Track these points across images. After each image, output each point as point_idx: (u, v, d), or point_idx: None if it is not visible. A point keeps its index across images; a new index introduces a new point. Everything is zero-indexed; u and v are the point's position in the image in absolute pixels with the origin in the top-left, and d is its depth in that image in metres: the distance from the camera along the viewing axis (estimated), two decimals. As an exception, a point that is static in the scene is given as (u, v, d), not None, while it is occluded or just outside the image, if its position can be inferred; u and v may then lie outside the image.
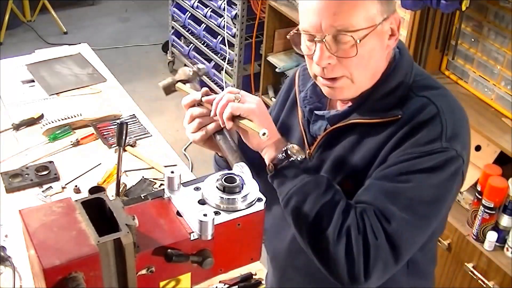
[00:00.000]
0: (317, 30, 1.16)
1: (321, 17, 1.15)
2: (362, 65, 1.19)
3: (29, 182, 1.83)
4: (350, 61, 1.17)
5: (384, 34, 1.19)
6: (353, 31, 1.14)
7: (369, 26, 1.15)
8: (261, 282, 1.55)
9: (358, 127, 1.25)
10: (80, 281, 0.91)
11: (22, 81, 2.36)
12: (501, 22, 2.36)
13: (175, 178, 1.09)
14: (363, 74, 1.21)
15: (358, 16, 1.14)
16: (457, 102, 1.27)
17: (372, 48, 1.18)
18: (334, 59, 1.17)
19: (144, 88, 4.39)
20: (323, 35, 1.15)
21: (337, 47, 1.16)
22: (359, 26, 1.14)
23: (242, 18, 3.58)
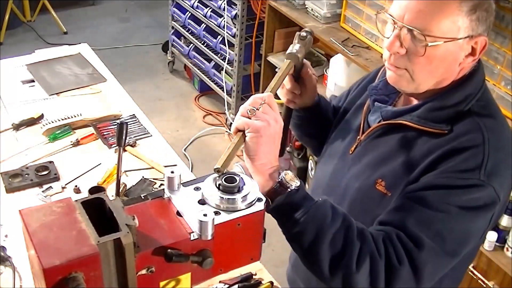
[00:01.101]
0: (399, 19, 1.20)
1: (407, 9, 1.19)
2: (426, 69, 1.21)
3: (29, 182, 1.83)
4: (416, 58, 1.20)
5: (461, 50, 1.21)
6: (428, 35, 1.17)
7: (447, 37, 1.17)
8: (261, 282, 1.55)
9: (408, 130, 1.27)
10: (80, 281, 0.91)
11: (22, 81, 2.36)
12: (501, 22, 2.36)
13: (175, 178, 1.09)
14: (425, 76, 1.23)
15: (439, 23, 1.17)
16: (508, 136, 1.27)
17: (443, 57, 1.20)
18: (403, 50, 1.21)
19: (144, 88, 4.39)
20: (401, 26, 1.19)
21: (410, 41, 1.20)
22: (436, 32, 1.17)
23: (242, 18, 3.58)
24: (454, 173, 1.17)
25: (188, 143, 3.90)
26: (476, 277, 2.28)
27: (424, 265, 1.15)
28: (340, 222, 1.14)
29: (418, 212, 1.17)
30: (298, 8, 3.19)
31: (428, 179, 1.19)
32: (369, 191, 1.30)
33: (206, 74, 4.12)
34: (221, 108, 4.16)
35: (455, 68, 1.23)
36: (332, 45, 2.91)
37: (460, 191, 1.17)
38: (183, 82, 4.60)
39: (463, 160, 1.18)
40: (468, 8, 1.17)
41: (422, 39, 1.17)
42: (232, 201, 1.04)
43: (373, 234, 1.16)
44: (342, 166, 1.42)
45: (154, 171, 1.94)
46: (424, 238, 1.15)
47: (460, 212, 1.16)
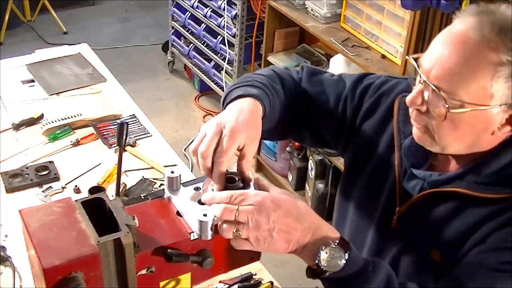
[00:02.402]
0: (425, 73, 1.07)
1: (435, 63, 1.06)
2: (451, 134, 1.09)
3: (29, 182, 1.83)
4: (437, 121, 1.08)
5: (493, 119, 1.06)
6: (453, 98, 1.04)
7: (475, 103, 1.03)
8: (261, 282, 1.55)
9: (459, 196, 1.14)
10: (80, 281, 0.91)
11: (22, 81, 2.36)
12: (501, 22, 2.36)
13: (175, 178, 1.09)
14: (449, 140, 1.11)
15: (468, 87, 1.03)
16: None
17: (468, 124, 1.07)
18: (423, 108, 1.09)
19: (144, 88, 4.39)
20: (426, 82, 1.07)
21: (432, 99, 1.07)
22: (462, 97, 1.03)
23: (242, 18, 3.58)
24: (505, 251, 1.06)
25: (188, 143, 3.89)
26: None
27: None
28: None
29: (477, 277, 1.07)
30: (298, 8, 3.18)
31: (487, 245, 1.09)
32: (425, 263, 1.19)
33: (206, 74, 4.12)
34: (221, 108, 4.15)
35: (486, 136, 1.09)
36: (332, 45, 2.91)
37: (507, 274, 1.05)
38: (183, 82, 4.60)
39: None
40: (507, 73, 1.01)
41: (444, 102, 1.04)
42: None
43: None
44: (384, 242, 1.28)
45: (154, 171, 1.94)
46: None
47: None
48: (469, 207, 1.14)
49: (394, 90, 1.33)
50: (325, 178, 3.15)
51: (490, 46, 1.01)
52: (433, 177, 1.19)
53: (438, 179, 1.18)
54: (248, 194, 1.02)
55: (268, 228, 0.99)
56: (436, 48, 1.07)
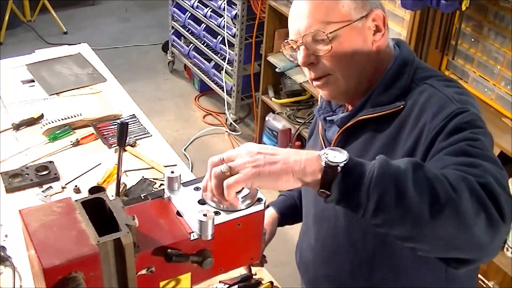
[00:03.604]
0: (296, 36, 1.26)
1: (297, 23, 1.26)
2: (343, 60, 1.24)
3: (29, 182, 1.83)
4: (329, 57, 1.24)
5: (364, 30, 1.25)
6: (324, 30, 1.22)
7: (341, 21, 1.22)
8: (261, 282, 1.55)
9: (368, 124, 1.28)
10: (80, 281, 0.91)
11: (22, 81, 2.36)
12: (501, 22, 2.36)
13: (175, 178, 1.09)
14: (346, 69, 1.26)
15: (328, 15, 1.22)
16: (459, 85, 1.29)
17: (350, 43, 1.23)
18: (313, 58, 1.25)
19: (144, 88, 4.39)
20: (301, 37, 1.24)
21: (314, 46, 1.24)
22: (331, 25, 1.22)
23: (242, 18, 3.58)
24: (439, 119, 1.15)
25: (188, 143, 3.89)
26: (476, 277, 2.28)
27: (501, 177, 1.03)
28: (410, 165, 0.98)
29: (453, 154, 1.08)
30: (298, 8, 3.18)
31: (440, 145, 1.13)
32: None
33: (206, 74, 4.12)
34: (221, 108, 4.16)
35: (370, 49, 1.26)
36: (332, 45, 2.91)
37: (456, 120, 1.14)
38: (183, 82, 4.60)
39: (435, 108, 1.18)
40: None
41: (322, 34, 1.21)
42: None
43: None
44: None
45: (154, 171, 1.94)
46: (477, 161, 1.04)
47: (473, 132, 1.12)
48: (377, 131, 1.26)
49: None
50: (325, 178, 3.14)
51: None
52: (339, 116, 1.34)
53: (344, 116, 1.32)
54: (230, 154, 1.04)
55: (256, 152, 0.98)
56: (290, 16, 1.29)
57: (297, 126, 3.25)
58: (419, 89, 1.24)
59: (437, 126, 1.15)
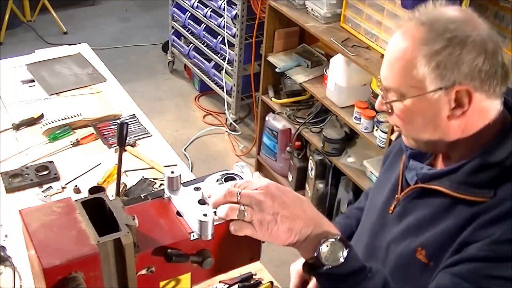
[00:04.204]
0: (380, 80, 1.21)
1: (381, 69, 1.20)
2: (409, 125, 1.19)
3: (29, 182, 1.83)
4: (395, 115, 1.20)
5: (439, 103, 1.12)
6: (394, 91, 1.17)
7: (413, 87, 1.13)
8: (261, 282, 1.55)
9: (445, 196, 1.17)
10: (80, 281, 0.91)
11: (22, 81, 2.36)
12: (501, 22, 2.36)
13: (175, 178, 1.09)
14: (413, 133, 1.20)
15: (401, 77, 1.14)
16: None
17: (419, 113, 1.15)
18: (385, 108, 1.21)
19: (144, 88, 4.39)
20: (380, 85, 1.20)
21: (385, 98, 1.21)
22: (402, 89, 1.15)
23: (242, 18, 3.58)
24: (502, 244, 1.06)
25: (188, 143, 3.89)
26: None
27: None
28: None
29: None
30: (298, 8, 3.18)
31: (471, 251, 1.08)
32: (410, 259, 1.20)
33: (206, 74, 4.12)
34: (221, 108, 4.16)
35: (444, 122, 1.14)
36: (332, 45, 2.91)
37: (504, 264, 1.06)
38: (183, 82, 4.60)
39: (506, 229, 1.06)
40: (426, 56, 1.10)
41: (393, 95, 1.17)
42: (232, 201, 1.04)
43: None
44: (382, 226, 1.33)
45: (154, 171, 1.94)
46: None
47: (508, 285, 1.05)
48: (455, 207, 1.15)
49: None
50: (325, 178, 3.14)
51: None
52: (423, 170, 1.24)
53: (427, 173, 1.22)
54: (252, 181, 1.02)
55: (273, 212, 0.98)
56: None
57: (297, 126, 3.25)
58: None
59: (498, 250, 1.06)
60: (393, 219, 1.29)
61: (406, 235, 1.23)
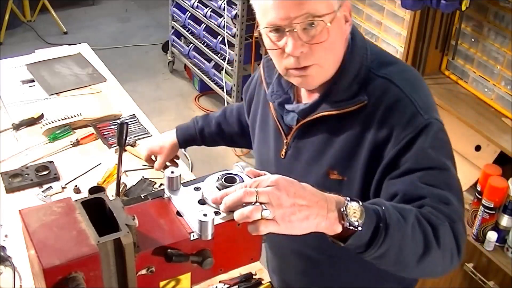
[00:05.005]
0: (286, 22, 1.18)
1: (288, 9, 1.17)
2: (331, 50, 1.23)
3: (29, 182, 1.83)
4: (320, 46, 1.20)
5: (341, 20, 1.23)
6: (320, 16, 1.18)
7: (330, 12, 1.19)
8: (261, 282, 1.55)
9: (330, 118, 1.28)
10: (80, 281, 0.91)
11: (22, 81, 2.36)
12: (501, 22, 2.36)
13: (175, 178, 1.09)
14: (331, 59, 1.25)
15: (321, 3, 1.18)
16: (412, 72, 1.33)
17: (336, 33, 1.21)
18: (306, 47, 1.20)
19: (144, 88, 4.39)
20: (293, 26, 1.17)
21: (307, 35, 1.19)
22: (324, 12, 1.18)
23: (242, 18, 3.58)
24: (404, 132, 1.19)
25: (188, 143, 3.89)
26: (476, 277, 2.28)
27: (461, 214, 1.17)
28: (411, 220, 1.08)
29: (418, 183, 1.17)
30: (298, 8, 3.19)
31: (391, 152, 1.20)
32: (325, 184, 1.25)
33: (206, 74, 4.12)
34: (221, 108, 4.15)
35: (343, 39, 1.26)
36: (332, 45, 2.91)
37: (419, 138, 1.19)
38: (183, 82, 4.60)
39: (401, 115, 1.20)
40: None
41: (322, 23, 1.17)
42: (232, 201, 1.04)
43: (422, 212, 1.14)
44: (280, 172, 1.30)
45: (154, 171, 1.94)
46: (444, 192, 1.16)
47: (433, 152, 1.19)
48: (343, 124, 1.27)
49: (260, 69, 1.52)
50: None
51: None
52: (300, 107, 1.33)
53: (304, 108, 1.32)
54: (261, 179, 1.02)
55: (290, 204, 0.99)
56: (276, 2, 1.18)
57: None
58: (379, 82, 1.25)
59: (406, 136, 1.19)
60: (289, 161, 1.38)
61: (310, 166, 1.33)
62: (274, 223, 0.99)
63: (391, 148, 1.21)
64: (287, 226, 0.99)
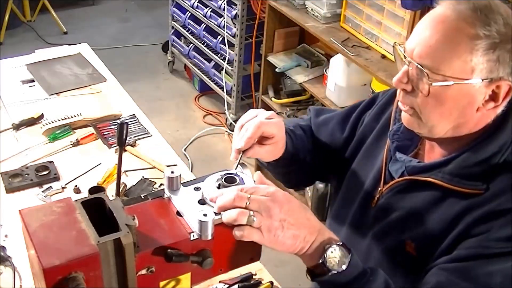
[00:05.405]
0: (408, 54, 1.12)
1: (418, 43, 1.11)
2: (435, 109, 1.12)
3: (29, 182, 1.83)
4: (421, 97, 1.11)
5: (478, 93, 1.09)
6: (436, 73, 1.08)
7: (457, 77, 1.07)
8: (261, 282, 1.55)
9: (436, 187, 1.17)
10: (80, 281, 0.91)
11: (22, 81, 2.36)
12: (501, 22, 2.36)
13: (175, 178, 1.09)
14: (435, 118, 1.13)
15: (449, 62, 1.07)
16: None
17: (454, 99, 1.10)
18: (408, 87, 1.13)
19: (144, 88, 4.40)
20: (410, 61, 1.11)
21: (416, 77, 1.11)
22: (445, 72, 1.08)
23: (242, 18, 3.58)
24: (496, 242, 1.07)
25: (188, 143, 3.89)
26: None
27: None
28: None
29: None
30: (298, 8, 3.18)
31: (464, 249, 1.09)
32: (399, 253, 1.21)
33: (206, 74, 4.12)
34: (221, 108, 4.16)
35: (471, 113, 1.12)
36: (332, 45, 2.91)
37: (504, 258, 1.06)
38: (183, 82, 4.60)
39: (505, 225, 1.07)
40: (486, 47, 1.05)
41: (427, 77, 1.09)
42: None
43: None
44: (364, 219, 1.31)
45: (154, 171, 1.94)
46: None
47: (505, 282, 1.06)
48: (446, 200, 1.15)
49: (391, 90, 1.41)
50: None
51: (466, 21, 1.07)
52: (412, 163, 1.22)
53: (416, 166, 1.21)
54: (259, 187, 1.03)
55: (280, 219, 0.99)
56: (418, 31, 1.12)
57: (297, 126, 3.25)
58: (507, 181, 1.10)
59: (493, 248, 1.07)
60: (376, 213, 1.28)
61: (393, 229, 1.23)
62: (258, 232, 0.99)
63: (473, 246, 1.09)
64: (271, 240, 1.00)
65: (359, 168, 1.38)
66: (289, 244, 1.02)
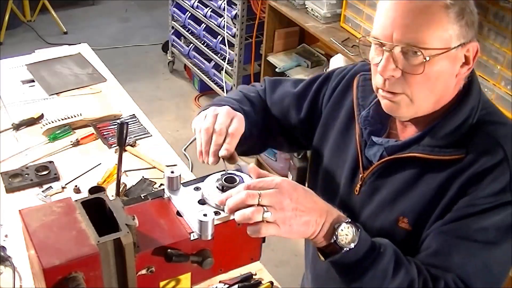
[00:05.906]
0: (387, 39, 1.11)
1: (394, 26, 1.10)
2: (426, 86, 1.13)
3: (29, 182, 1.83)
4: (414, 78, 1.11)
5: (457, 60, 1.13)
6: (424, 48, 1.08)
7: (442, 47, 1.09)
8: (261, 282, 1.55)
9: (418, 161, 1.18)
10: (80, 281, 0.91)
11: (22, 81, 2.36)
12: (501, 22, 2.36)
13: (175, 178, 1.09)
14: (425, 96, 1.14)
15: (432, 34, 1.08)
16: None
17: (440, 71, 1.12)
18: (398, 72, 1.12)
19: (144, 88, 4.39)
20: (392, 46, 1.10)
21: (404, 61, 1.11)
22: (431, 44, 1.09)
23: (242, 18, 3.58)
24: (484, 199, 1.11)
25: (188, 143, 3.89)
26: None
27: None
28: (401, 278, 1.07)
29: (458, 248, 1.11)
30: (298, 8, 3.18)
31: (455, 211, 1.13)
32: (392, 230, 1.22)
33: (206, 74, 4.12)
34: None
35: (452, 81, 1.15)
36: (332, 45, 2.91)
37: (493, 212, 1.11)
38: (183, 82, 4.60)
39: (490, 183, 1.11)
40: (456, 14, 1.09)
41: (419, 54, 1.08)
42: (232, 201, 1.04)
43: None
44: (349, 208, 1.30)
45: (154, 171, 1.94)
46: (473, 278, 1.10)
47: (499, 234, 1.11)
48: (429, 171, 1.18)
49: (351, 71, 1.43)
50: (325, 178, 3.14)
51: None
52: (390, 143, 1.24)
53: (395, 145, 1.23)
54: (264, 180, 1.03)
55: (292, 208, 1.01)
56: (388, 14, 1.11)
57: (297, 126, 3.25)
58: (484, 139, 1.15)
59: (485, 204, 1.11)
60: (362, 199, 1.30)
61: (382, 209, 1.25)
62: (275, 226, 1.00)
63: (463, 206, 1.13)
64: (286, 230, 1.01)
65: (332, 163, 1.40)
66: (303, 231, 1.03)
